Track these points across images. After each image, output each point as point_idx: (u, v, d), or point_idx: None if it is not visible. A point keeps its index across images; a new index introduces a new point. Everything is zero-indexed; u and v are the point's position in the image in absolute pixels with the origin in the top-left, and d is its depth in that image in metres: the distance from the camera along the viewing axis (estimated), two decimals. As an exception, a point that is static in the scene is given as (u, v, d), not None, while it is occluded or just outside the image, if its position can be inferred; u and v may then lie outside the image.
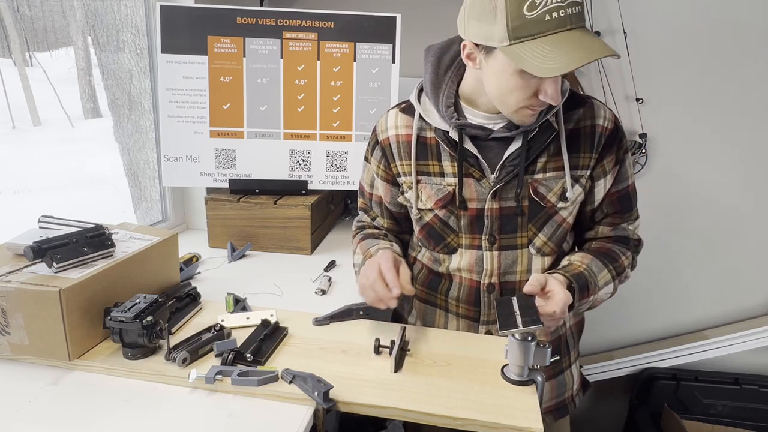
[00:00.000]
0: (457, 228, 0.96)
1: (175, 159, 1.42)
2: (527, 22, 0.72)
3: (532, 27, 0.72)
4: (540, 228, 0.93)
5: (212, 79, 1.40)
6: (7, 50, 1.61)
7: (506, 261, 0.95)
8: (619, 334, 1.99)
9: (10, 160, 1.69)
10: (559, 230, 0.94)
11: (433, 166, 0.95)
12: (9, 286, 0.77)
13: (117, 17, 1.45)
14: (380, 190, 1.05)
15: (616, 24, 1.70)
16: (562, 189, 0.91)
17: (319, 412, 0.73)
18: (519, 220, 0.92)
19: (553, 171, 0.90)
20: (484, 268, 0.96)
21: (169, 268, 1.05)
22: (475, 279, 0.97)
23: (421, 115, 0.94)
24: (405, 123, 0.98)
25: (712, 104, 1.74)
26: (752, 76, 1.69)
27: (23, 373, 0.80)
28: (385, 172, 1.02)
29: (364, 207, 1.13)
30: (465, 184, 0.93)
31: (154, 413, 0.72)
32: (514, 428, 0.70)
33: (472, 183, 0.93)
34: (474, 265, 0.96)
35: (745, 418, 1.80)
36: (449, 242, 0.97)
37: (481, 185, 0.92)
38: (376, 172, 1.04)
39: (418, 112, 0.95)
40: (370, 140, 1.05)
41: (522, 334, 0.76)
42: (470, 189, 0.93)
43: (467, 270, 0.97)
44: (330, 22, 1.41)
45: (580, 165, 0.91)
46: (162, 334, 0.82)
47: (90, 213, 1.05)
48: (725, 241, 1.82)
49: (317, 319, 0.98)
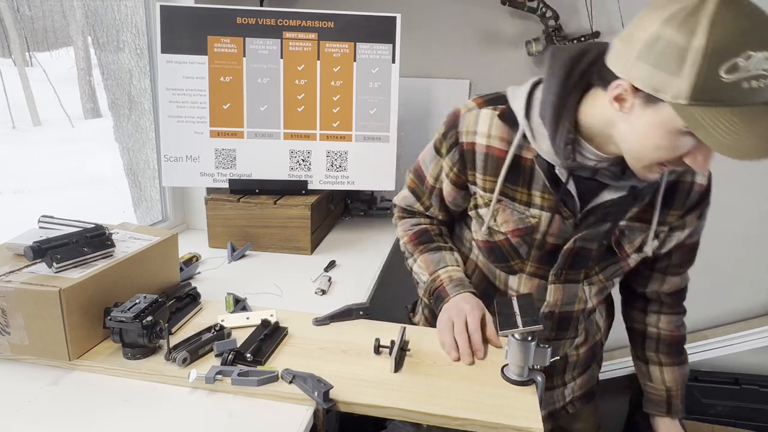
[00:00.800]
0: (525, 256, 0.91)
1: (175, 159, 1.42)
2: (721, 85, 0.59)
3: (724, 92, 0.59)
4: (603, 269, 0.91)
5: (212, 79, 1.40)
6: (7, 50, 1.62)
7: (568, 294, 0.93)
8: (619, 334, 1.99)
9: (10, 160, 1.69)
10: (618, 272, 0.93)
11: (521, 193, 0.86)
12: (9, 286, 0.77)
13: (117, 17, 1.45)
14: (445, 189, 0.96)
15: (616, 24, 1.70)
16: (641, 242, 0.88)
17: (319, 412, 0.73)
18: (589, 261, 0.90)
19: (638, 222, 0.86)
20: (546, 299, 0.93)
21: (169, 268, 1.05)
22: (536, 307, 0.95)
23: (525, 134, 0.81)
24: (501, 134, 0.84)
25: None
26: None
27: (23, 373, 0.80)
28: (457, 176, 0.92)
29: (416, 191, 1.02)
30: (552, 220, 0.86)
31: (154, 413, 0.72)
32: (514, 428, 0.70)
33: (557, 220, 0.85)
34: (535, 293, 0.93)
35: (745, 418, 1.80)
36: (512, 265, 0.93)
37: (565, 223, 0.86)
38: (447, 172, 0.93)
39: (523, 129, 0.81)
40: (447, 132, 0.90)
41: (522, 334, 0.76)
42: (555, 225, 0.86)
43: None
44: (330, 22, 1.41)
45: (667, 221, 0.87)
46: (162, 334, 0.82)
47: (90, 213, 1.05)
48: (725, 241, 1.82)
49: (317, 319, 0.98)
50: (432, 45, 1.90)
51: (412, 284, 1.07)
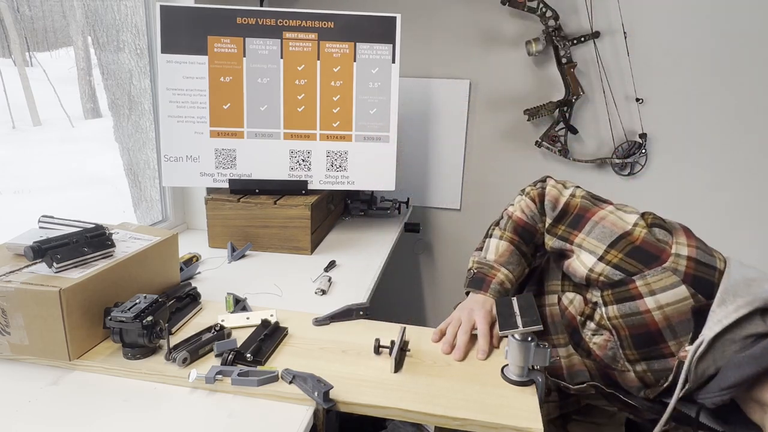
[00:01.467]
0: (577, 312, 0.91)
1: (175, 159, 1.42)
2: None
3: None
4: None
5: (212, 79, 1.40)
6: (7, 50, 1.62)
7: None
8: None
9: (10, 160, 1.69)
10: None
11: None
12: (9, 286, 0.77)
13: (117, 17, 1.45)
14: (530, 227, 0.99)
15: (616, 24, 1.70)
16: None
17: (319, 412, 0.73)
18: None
19: None
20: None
21: (169, 268, 1.05)
22: None
23: None
24: None
25: (711, 104, 1.74)
26: (752, 76, 1.69)
27: (23, 373, 0.80)
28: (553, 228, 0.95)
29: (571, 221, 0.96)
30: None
31: (154, 413, 0.72)
32: (514, 428, 0.70)
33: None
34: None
35: (745, 418, 1.79)
36: None
37: None
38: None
39: None
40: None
41: (522, 334, 0.76)
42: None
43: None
44: (330, 22, 1.41)
45: None
46: (162, 334, 0.82)
47: (90, 213, 1.05)
48: (725, 241, 1.82)
49: (317, 319, 0.98)
50: (432, 45, 1.90)
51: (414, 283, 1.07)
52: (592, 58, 1.76)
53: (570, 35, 1.73)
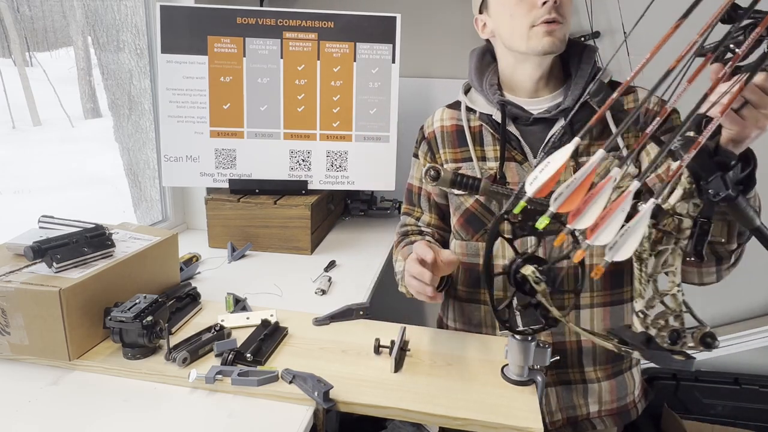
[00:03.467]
0: (497, 212, 0.94)
1: (175, 159, 1.42)
2: None
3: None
4: None
5: (212, 79, 1.40)
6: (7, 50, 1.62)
7: (551, 247, 0.91)
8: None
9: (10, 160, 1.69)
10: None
11: (476, 151, 0.98)
12: (9, 286, 0.77)
13: (117, 17, 1.45)
14: (428, 185, 1.07)
15: (616, 24, 1.70)
16: (605, 171, 0.88)
17: (319, 412, 0.73)
18: None
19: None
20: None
21: (169, 268, 1.05)
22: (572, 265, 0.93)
23: (467, 106, 1.01)
24: (450, 116, 1.06)
25: (712, 104, 1.74)
26: (752, 76, 1.69)
27: (23, 373, 0.80)
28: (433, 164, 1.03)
29: (408, 210, 1.13)
30: (506, 167, 0.93)
31: (154, 413, 0.72)
32: (514, 428, 0.70)
33: (513, 166, 0.94)
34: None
35: (745, 418, 1.80)
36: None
37: (522, 169, 0.93)
38: (423, 165, 1.06)
39: (464, 103, 1.02)
40: (417, 138, 1.11)
41: (522, 334, 0.76)
42: (512, 172, 0.94)
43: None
44: (330, 22, 1.41)
45: (628, 146, 0.88)
46: (162, 334, 0.82)
47: (90, 213, 1.05)
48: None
49: (317, 319, 0.98)
50: (432, 45, 1.90)
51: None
52: (592, 58, 1.76)
53: (570, 35, 1.73)
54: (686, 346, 0.58)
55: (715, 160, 0.55)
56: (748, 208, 0.58)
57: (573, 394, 0.98)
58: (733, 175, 0.54)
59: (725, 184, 0.54)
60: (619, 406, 1.00)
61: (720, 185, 0.54)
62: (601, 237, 0.51)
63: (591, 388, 0.98)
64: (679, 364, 0.58)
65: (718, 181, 0.54)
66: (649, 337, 0.59)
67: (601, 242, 0.51)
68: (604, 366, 0.98)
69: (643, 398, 1.06)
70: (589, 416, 0.99)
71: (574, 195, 0.51)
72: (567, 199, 0.51)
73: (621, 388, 1.00)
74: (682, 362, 0.57)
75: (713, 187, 0.54)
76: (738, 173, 0.55)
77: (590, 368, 0.97)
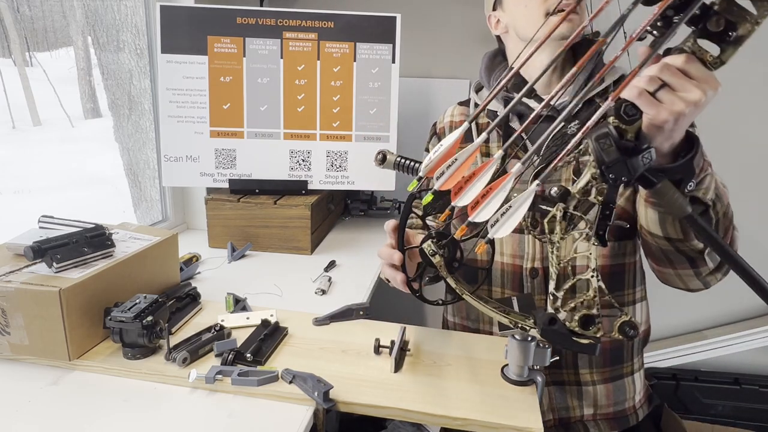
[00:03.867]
0: None
1: (175, 159, 1.42)
2: None
3: None
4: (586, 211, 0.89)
5: (212, 79, 1.40)
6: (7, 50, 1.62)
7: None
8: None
9: (10, 160, 1.69)
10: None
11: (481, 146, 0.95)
12: (9, 286, 0.77)
13: (117, 17, 1.45)
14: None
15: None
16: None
17: (319, 412, 0.73)
18: None
19: None
20: (525, 252, 0.94)
21: (169, 268, 1.05)
22: (517, 264, 0.96)
23: (476, 103, 1.04)
24: (460, 112, 1.10)
25: (711, 104, 1.74)
26: (752, 75, 1.69)
27: (23, 373, 0.80)
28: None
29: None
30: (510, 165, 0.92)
31: (154, 413, 0.72)
32: (514, 428, 0.70)
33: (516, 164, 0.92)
34: (516, 249, 0.95)
35: (745, 418, 1.80)
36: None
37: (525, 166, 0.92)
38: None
39: (473, 100, 1.05)
40: (430, 133, 1.15)
41: (522, 334, 0.76)
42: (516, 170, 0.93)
43: (509, 255, 0.96)
44: (330, 22, 1.41)
45: None
46: (162, 334, 0.82)
47: (90, 213, 1.05)
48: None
49: (317, 319, 0.98)
50: (432, 45, 1.90)
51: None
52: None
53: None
54: (599, 333, 0.59)
55: (621, 144, 0.53)
56: (676, 197, 0.56)
57: (567, 395, 0.97)
58: (643, 161, 0.53)
59: (628, 170, 0.53)
60: (616, 411, 0.99)
61: (622, 170, 0.53)
62: (481, 214, 0.55)
63: (585, 390, 0.97)
64: (579, 347, 0.60)
65: (620, 166, 0.53)
66: (552, 317, 0.61)
67: (482, 219, 0.55)
68: (602, 369, 0.97)
69: (646, 404, 1.05)
70: (583, 419, 0.98)
71: (455, 174, 0.56)
72: (449, 177, 0.55)
73: (619, 393, 0.99)
74: (583, 345, 0.59)
75: (613, 172, 0.53)
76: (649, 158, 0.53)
77: (585, 370, 0.96)
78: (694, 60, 0.55)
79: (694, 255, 0.77)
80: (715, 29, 0.52)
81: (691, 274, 0.82)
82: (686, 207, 0.56)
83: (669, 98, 0.56)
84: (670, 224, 0.72)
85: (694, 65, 0.54)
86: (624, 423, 0.99)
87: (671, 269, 0.84)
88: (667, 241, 0.76)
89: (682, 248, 0.77)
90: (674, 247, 0.77)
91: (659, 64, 0.56)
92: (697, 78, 0.55)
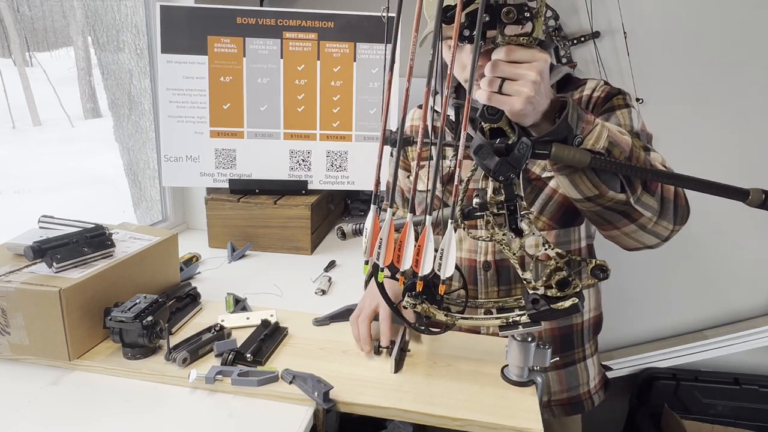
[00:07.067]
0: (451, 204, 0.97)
1: (175, 159, 1.42)
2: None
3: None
4: (531, 203, 0.94)
5: (212, 79, 1.40)
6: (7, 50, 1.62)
7: None
8: (618, 334, 1.99)
9: (10, 160, 1.69)
10: (551, 203, 0.94)
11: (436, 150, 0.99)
12: (9, 286, 0.77)
13: (117, 17, 1.45)
14: (400, 179, 1.12)
15: (616, 24, 1.70)
16: None
17: (319, 412, 0.73)
18: None
19: None
20: (478, 245, 0.98)
21: (169, 268, 1.05)
22: (472, 258, 0.99)
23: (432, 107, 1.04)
24: (420, 116, 1.10)
25: (712, 104, 1.74)
26: (752, 75, 1.69)
27: (23, 373, 0.80)
28: (403, 162, 1.13)
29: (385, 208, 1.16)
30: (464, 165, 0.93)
31: (154, 413, 0.72)
32: (514, 428, 0.70)
33: (470, 164, 0.95)
34: (472, 244, 0.99)
35: (745, 418, 1.80)
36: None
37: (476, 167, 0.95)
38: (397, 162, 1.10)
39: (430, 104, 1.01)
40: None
41: (522, 334, 0.76)
42: (467, 170, 0.95)
43: (466, 250, 0.99)
44: (330, 22, 1.41)
45: None
46: (162, 334, 0.82)
47: (90, 213, 1.05)
48: (725, 241, 1.82)
49: (317, 319, 0.98)
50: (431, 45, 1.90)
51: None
52: (592, 58, 1.76)
53: (570, 35, 1.73)
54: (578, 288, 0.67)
55: (496, 148, 0.62)
56: (572, 153, 0.62)
57: None
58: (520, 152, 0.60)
59: (512, 166, 0.61)
60: (570, 396, 1.02)
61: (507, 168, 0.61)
62: (425, 267, 0.63)
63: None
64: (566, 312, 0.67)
65: (504, 166, 0.61)
66: (535, 298, 0.69)
67: (427, 271, 0.63)
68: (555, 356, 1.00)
69: (602, 390, 1.08)
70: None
71: (387, 250, 0.64)
72: (385, 254, 0.63)
73: (572, 379, 1.02)
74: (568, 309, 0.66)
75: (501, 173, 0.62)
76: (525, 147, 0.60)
77: None
78: (513, 48, 0.60)
79: (624, 207, 0.77)
80: (512, 20, 0.58)
81: (634, 228, 0.81)
82: (585, 156, 0.62)
83: (514, 89, 0.61)
84: (582, 183, 0.74)
85: (516, 52, 0.60)
86: (579, 408, 1.03)
87: (615, 230, 0.84)
88: (589, 201, 0.77)
89: (606, 204, 0.77)
90: (599, 205, 0.77)
91: (489, 65, 0.62)
92: (525, 59, 0.60)
